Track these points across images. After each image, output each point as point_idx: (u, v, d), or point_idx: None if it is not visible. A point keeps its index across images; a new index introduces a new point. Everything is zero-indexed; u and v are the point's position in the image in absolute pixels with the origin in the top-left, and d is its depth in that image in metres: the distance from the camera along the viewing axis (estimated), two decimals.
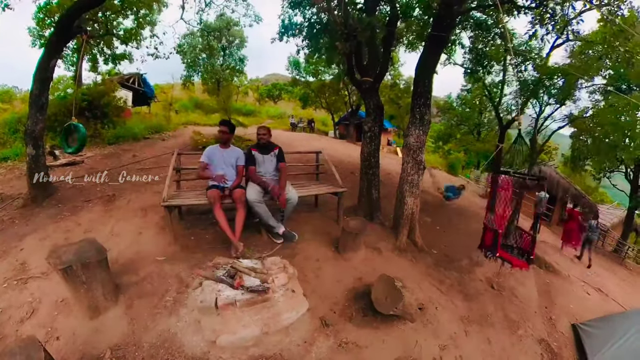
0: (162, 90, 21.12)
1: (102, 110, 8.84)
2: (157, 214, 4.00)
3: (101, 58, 9.76)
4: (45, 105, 4.52)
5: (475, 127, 18.14)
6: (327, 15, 4.74)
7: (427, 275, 3.72)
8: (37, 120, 4.37)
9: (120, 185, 5.18)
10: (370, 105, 4.91)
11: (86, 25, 5.29)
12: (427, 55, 4.37)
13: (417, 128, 4.29)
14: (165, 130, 10.71)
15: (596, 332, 3.69)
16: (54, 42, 4.55)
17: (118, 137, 8.54)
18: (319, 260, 3.39)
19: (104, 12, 7.42)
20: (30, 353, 1.66)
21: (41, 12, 7.72)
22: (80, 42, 7.17)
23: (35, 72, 4.35)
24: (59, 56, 5.32)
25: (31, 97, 4.39)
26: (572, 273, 5.77)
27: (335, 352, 2.40)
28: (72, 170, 6.06)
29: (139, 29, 8.57)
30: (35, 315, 2.51)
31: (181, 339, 2.30)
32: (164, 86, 22.66)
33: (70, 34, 4.76)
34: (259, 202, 3.36)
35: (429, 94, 4.33)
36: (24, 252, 3.32)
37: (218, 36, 16.25)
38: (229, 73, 22.22)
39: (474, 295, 3.61)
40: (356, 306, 2.87)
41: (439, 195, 8.09)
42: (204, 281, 2.60)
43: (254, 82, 35.09)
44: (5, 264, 3.13)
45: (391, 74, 17.33)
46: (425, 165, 4.56)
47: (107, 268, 2.53)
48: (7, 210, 4.25)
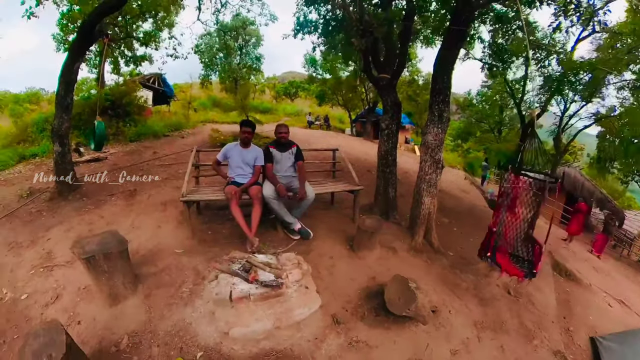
0: (181, 90, 21.64)
1: (124, 110, 9.16)
2: (176, 209, 4.11)
3: (122, 60, 10.13)
4: (71, 106, 4.74)
5: (496, 125, 17.50)
6: (342, 12, 4.70)
7: (442, 277, 3.63)
8: (62, 120, 4.59)
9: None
10: (387, 102, 4.83)
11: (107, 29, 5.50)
12: (445, 51, 4.24)
13: (436, 126, 4.16)
14: (185, 128, 10.98)
15: (616, 348, 3.49)
16: (77, 47, 4.76)
17: (139, 135, 8.83)
18: (334, 258, 3.38)
19: (124, 16, 7.67)
20: (53, 335, 1.75)
21: (64, 19, 8.07)
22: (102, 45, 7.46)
23: (60, 74, 4.56)
24: (82, 59, 5.53)
25: (57, 98, 4.62)
26: (594, 282, 5.46)
27: (345, 350, 2.39)
28: (94, 166, 6.32)
29: (157, 31, 8.82)
30: (59, 300, 2.65)
31: (195, 328, 2.36)
32: (183, 85, 23.21)
33: (92, 38, 4.96)
34: (274, 199, 3.38)
35: (448, 91, 4.20)
36: (50, 242, 3.50)
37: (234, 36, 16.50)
38: (246, 72, 22.50)
39: (490, 301, 3.48)
40: (369, 305, 2.84)
41: (484, 200, 7.47)
42: (220, 274, 2.64)
43: (271, 80, 35.31)
44: (32, 252, 3.33)
45: (409, 70, 17.00)
46: (444, 164, 4.42)
47: (127, 259, 2.63)
48: (36, 203, 4.47)
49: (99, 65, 8.39)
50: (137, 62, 10.10)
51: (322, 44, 5.85)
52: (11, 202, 4.47)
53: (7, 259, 3.23)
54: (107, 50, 7.70)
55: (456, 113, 18.72)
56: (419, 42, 7.41)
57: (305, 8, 5.38)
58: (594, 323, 4.04)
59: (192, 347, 2.23)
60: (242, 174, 3.56)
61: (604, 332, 3.81)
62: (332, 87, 18.55)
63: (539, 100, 9.96)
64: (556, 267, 5.18)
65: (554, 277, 4.74)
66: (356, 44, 4.32)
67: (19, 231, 3.74)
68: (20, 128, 8.59)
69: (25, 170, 6.35)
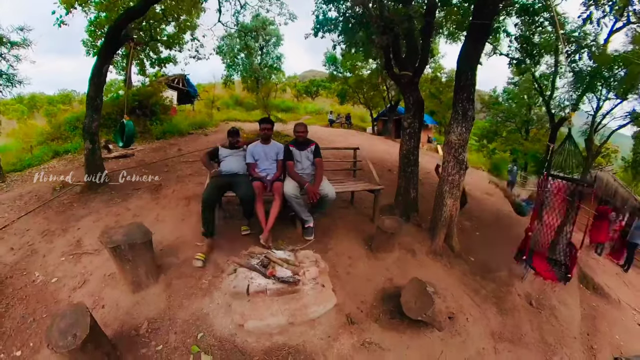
0: (204, 89, 22.22)
1: (151, 109, 9.56)
2: (199, 203, 4.13)
3: (148, 62, 10.51)
4: (100, 106, 4.99)
5: (524, 124, 16.45)
6: (362, 9, 4.62)
7: (462, 283, 3.51)
8: (93, 119, 4.84)
9: (166, 175, 5.56)
10: (409, 100, 4.71)
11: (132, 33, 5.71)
12: (469, 46, 4.06)
13: (460, 125, 3.99)
14: (208, 126, 11.30)
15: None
16: (105, 51, 5.00)
17: (165, 133, 9.18)
18: (351, 258, 3.36)
19: (148, 20, 7.92)
20: (78, 317, 1.86)
21: (92, 25, 8.51)
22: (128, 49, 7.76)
23: (90, 77, 4.81)
24: (110, 62, 5.84)
25: (88, 98, 4.88)
26: (624, 298, 5.08)
27: (357, 350, 2.36)
28: (122, 162, 6.60)
29: (180, 34, 9.07)
30: (85, 285, 2.81)
31: (212, 319, 2.42)
32: (206, 85, 23.83)
33: (118, 42, 5.19)
34: (294, 196, 3.40)
35: (473, 88, 4.02)
36: (80, 231, 3.70)
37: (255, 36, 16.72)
38: (267, 71, 22.77)
39: (510, 310, 3.32)
40: (384, 307, 2.80)
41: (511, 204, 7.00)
42: (238, 268, 2.69)
43: (292, 79, 35.57)
44: (64, 240, 3.53)
45: (431, 66, 16.59)
46: (468, 165, 4.24)
47: (151, 249, 2.74)
48: (68, 195, 4.72)
49: (126, 67, 8.76)
50: (162, 64, 10.45)
51: (343, 42, 5.78)
52: (45, 194, 4.73)
53: (40, 245, 3.44)
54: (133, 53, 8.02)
55: (481, 111, 17.78)
56: (442, 38, 7.15)
57: (325, 6, 5.32)
58: (620, 342, 3.78)
59: (208, 336, 2.29)
60: (266, 169, 3.64)
61: (630, 353, 3.57)
62: (354, 85, 18.40)
63: (570, 98, 9.32)
64: (583, 279, 4.89)
65: (580, 290, 4.49)
66: (377, 41, 4.25)
67: (52, 220, 3.97)
68: (54, 126, 9.22)
69: (58, 165, 6.76)
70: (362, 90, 18.65)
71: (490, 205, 7.96)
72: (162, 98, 10.44)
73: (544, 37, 6.38)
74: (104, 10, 7.48)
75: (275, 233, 3.57)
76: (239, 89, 25.44)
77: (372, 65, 15.62)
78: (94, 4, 7.19)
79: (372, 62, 14.46)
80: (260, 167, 3.64)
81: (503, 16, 5.82)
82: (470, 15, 4.70)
